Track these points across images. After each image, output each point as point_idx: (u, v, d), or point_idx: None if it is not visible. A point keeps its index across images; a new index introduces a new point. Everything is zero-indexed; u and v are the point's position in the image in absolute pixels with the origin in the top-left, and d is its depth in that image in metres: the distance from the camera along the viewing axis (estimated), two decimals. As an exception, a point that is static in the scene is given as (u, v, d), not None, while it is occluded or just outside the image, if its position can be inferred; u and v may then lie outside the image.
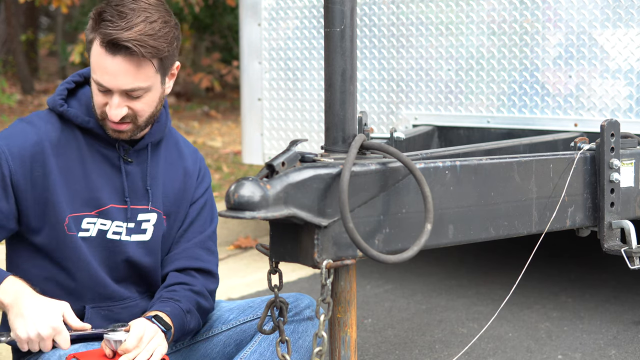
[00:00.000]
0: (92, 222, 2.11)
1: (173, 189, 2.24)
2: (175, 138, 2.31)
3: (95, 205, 2.11)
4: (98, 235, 2.12)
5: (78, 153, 2.11)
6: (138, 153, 2.17)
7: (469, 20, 3.56)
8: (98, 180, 2.11)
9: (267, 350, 2.17)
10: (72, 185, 2.08)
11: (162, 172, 2.22)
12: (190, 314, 2.16)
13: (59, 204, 2.06)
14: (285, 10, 4.14)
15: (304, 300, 2.23)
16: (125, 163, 2.14)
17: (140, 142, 2.16)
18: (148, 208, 2.17)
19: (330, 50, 1.77)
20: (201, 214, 2.30)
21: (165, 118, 2.22)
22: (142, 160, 2.17)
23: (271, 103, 4.25)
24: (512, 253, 4.16)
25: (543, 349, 3.08)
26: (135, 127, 2.08)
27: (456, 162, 1.93)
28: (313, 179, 1.68)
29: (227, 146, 8.40)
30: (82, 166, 2.10)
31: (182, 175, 2.27)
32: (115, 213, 2.13)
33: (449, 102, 3.66)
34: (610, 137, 2.31)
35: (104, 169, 2.13)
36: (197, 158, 2.33)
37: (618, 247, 2.30)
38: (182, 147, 2.31)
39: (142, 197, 2.17)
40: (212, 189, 2.42)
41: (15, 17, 11.06)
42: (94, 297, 2.14)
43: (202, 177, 2.32)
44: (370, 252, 1.67)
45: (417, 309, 3.60)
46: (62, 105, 2.11)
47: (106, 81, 2.00)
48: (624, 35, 3.19)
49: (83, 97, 2.15)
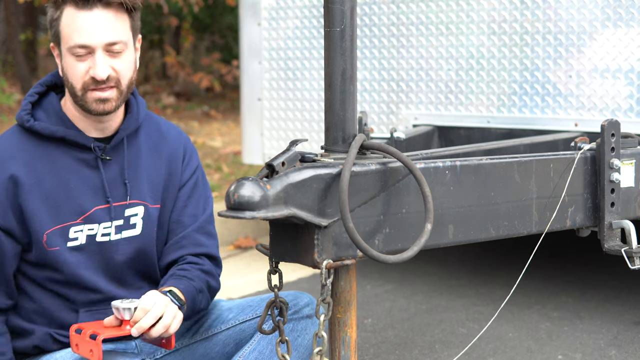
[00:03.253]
0: (79, 229, 2.10)
1: (159, 176, 2.22)
2: (156, 122, 2.28)
3: (79, 212, 2.10)
4: (88, 241, 2.11)
5: (51, 165, 2.09)
6: (116, 148, 2.15)
7: (469, 20, 3.55)
8: (77, 187, 2.10)
9: (266, 349, 2.18)
10: (50, 199, 2.07)
11: (145, 160, 2.20)
12: (202, 294, 2.17)
13: (35, 222, 2.06)
14: (285, 10, 4.14)
15: (303, 299, 2.23)
16: (103, 162, 2.13)
17: (115, 137, 2.14)
18: (127, 203, 2.15)
19: (330, 50, 1.77)
20: (192, 197, 2.28)
21: (136, 107, 2.20)
22: (120, 155, 2.16)
23: (271, 103, 4.25)
24: (512, 253, 4.15)
25: (543, 349, 3.08)
26: (119, 93, 2.06)
27: (456, 162, 1.93)
28: (313, 179, 1.68)
29: (227, 146, 8.40)
30: (58, 177, 2.08)
31: (166, 159, 2.24)
32: (101, 215, 2.12)
33: (449, 102, 3.66)
34: (610, 137, 2.31)
35: (82, 174, 2.11)
36: (181, 139, 2.30)
37: (618, 247, 2.30)
38: (163, 131, 2.28)
39: (123, 193, 2.16)
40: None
41: (14, 16, 11.05)
42: (87, 302, 2.14)
43: (188, 159, 2.29)
44: (370, 252, 1.67)
45: (417, 309, 3.60)
46: (29, 121, 2.09)
47: (86, 38, 2.00)
48: (624, 34, 3.18)
49: (49, 106, 2.13)
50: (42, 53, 14.43)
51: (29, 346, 2.13)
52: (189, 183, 2.27)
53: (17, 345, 2.15)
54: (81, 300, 2.13)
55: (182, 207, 2.26)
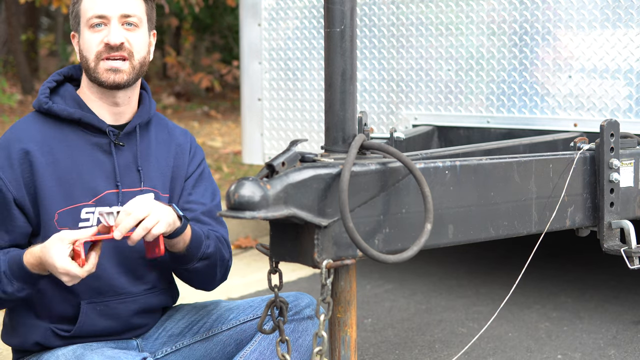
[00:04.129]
0: (91, 211, 2.12)
1: (168, 167, 2.26)
2: (164, 121, 2.35)
3: (92, 194, 2.13)
4: (99, 222, 2.10)
5: (66, 147, 2.12)
6: (128, 136, 2.19)
7: (468, 20, 3.56)
8: (91, 169, 2.13)
9: (267, 349, 2.18)
10: (64, 179, 2.10)
11: (155, 150, 2.24)
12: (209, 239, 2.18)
13: (48, 201, 2.08)
14: (285, 10, 4.14)
15: (304, 300, 2.24)
16: (116, 147, 2.16)
17: (129, 125, 2.18)
18: (141, 189, 2.18)
19: (330, 50, 1.78)
20: (199, 186, 2.31)
21: (148, 101, 2.26)
22: (132, 143, 2.20)
23: (271, 103, 4.25)
24: (512, 253, 4.16)
25: (543, 349, 3.08)
26: (131, 67, 2.12)
27: (456, 162, 1.94)
28: (313, 179, 1.68)
29: (227, 146, 8.40)
30: (73, 159, 2.12)
31: (174, 151, 2.29)
32: (112, 199, 2.14)
33: (449, 102, 3.66)
34: (609, 137, 2.31)
35: (96, 157, 2.15)
36: (188, 136, 2.36)
37: (617, 247, 2.31)
38: (171, 128, 2.34)
39: (136, 179, 2.19)
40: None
41: (15, 17, 11.06)
42: (89, 292, 2.12)
43: (193, 153, 2.34)
44: (370, 252, 1.67)
45: (417, 309, 3.61)
46: (47, 103, 2.14)
47: (103, 8, 2.09)
48: (623, 35, 3.19)
49: (66, 93, 2.18)
50: (43, 53, 14.44)
51: (31, 342, 2.13)
52: (194, 174, 2.31)
53: (18, 341, 2.15)
54: (83, 290, 2.11)
55: (188, 194, 2.29)
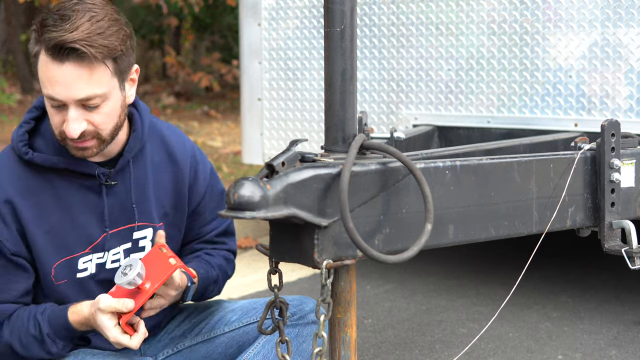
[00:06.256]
0: (88, 259, 2.05)
1: (167, 190, 2.17)
2: (159, 131, 2.17)
3: (87, 242, 2.03)
4: (97, 269, 2.07)
5: (53, 195, 1.98)
6: (122, 171, 2.06)
7: (469, 20, 3.55)
8: (82, 215, 2.01)
9: (270, 353, 2.16)
10: (54, 231, 1.99)
11: (152, 176, 2.13)
12: (216, 284, 2.23)
13: (41, 256, 1.99)
14: (285, 10, 4.14)
15: (309, 304, 2.22)
16: (107, 188, 2.03)
17: (120, 161, 2.04)
18: (135, 226, 2.10)
19: (330, 50, 1.77)
20: (210, 205, 2.26)
21: (140, 125, 2.07)
22: (126, 177, 2.07)
23: (271, 103, 4.25)
24: (512, 253, 4.15)
25: (543, 349, 3.08)
26: (100, 142, 1.93)
27: (456, 162, 1.93)
28: (313, 179, 1.67)
29: (227, 146, 8.40)
30: (61, 208, 1.99)
31: (172, 171, 2.17)
32: (109, 242, 2.07)
33: (449, 102, 3.66)
34: (610, 137, 2.31)
35: (87, 200, 2.02)
36: (186, 151, 2.20)
37: (618, 247, 2.30)
38: (167, 140, 2.17)
39: (132, 216, 2.09)
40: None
41: (15, 17, 11.06)
42: None
43: (194, 171, 2.20)
44: (370, 252, 1.67)
45: (417, 309, 3.60)
46: (27, 154, 1.96)
47: (58, 93, 1.83)
48: (624, 35, 3.18)
49: (47, 133, 1.99)
50: (42, 53, 14.40)
51: None
52: (205, 196, 2.25)
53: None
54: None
55: (203, 219, 2.27)
